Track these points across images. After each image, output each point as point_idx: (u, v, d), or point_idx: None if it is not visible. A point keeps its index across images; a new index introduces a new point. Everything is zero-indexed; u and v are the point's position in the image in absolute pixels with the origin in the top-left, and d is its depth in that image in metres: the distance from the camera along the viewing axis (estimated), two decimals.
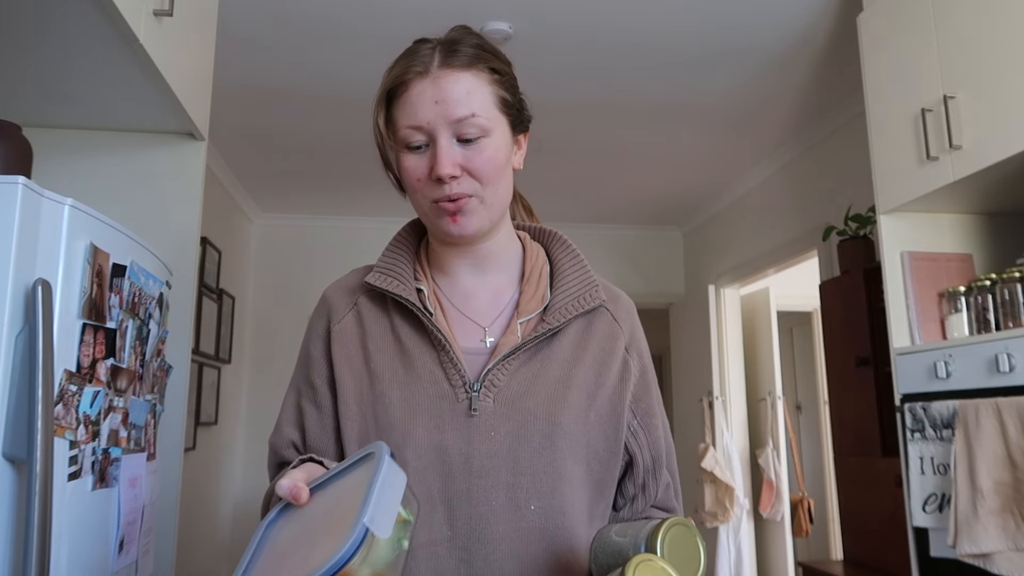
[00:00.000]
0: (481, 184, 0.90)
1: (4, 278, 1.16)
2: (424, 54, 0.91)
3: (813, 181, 3.80)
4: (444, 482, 0.87)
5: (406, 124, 0.89)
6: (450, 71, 0.89)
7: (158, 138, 2.09)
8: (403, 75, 0.90)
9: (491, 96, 0.91)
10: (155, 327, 1.61)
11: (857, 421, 2.87)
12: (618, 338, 0.98)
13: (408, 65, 0.90)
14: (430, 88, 0.88)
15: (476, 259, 0.98)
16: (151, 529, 1.65)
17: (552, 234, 1.04)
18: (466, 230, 0.91)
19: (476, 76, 0.90)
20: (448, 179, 0.88)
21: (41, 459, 1.14)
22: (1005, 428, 1.81)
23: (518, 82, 0.97)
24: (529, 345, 0.92)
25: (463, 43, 0.92)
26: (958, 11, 2.04)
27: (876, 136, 2.35)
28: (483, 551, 0.85)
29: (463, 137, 0.88)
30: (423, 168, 0.89)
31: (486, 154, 0.89)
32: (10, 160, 1.53)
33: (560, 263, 1.00)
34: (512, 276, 1.00)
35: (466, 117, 0.88)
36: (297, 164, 4.21)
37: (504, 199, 0.95)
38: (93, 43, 1.63)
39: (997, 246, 2.37)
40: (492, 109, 0.91)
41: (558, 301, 0.95)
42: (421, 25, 2.77)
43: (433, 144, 0.88)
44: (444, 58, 0.90)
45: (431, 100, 0.88)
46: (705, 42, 2.91)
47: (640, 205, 4.98)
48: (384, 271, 0.97)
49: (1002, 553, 1.78)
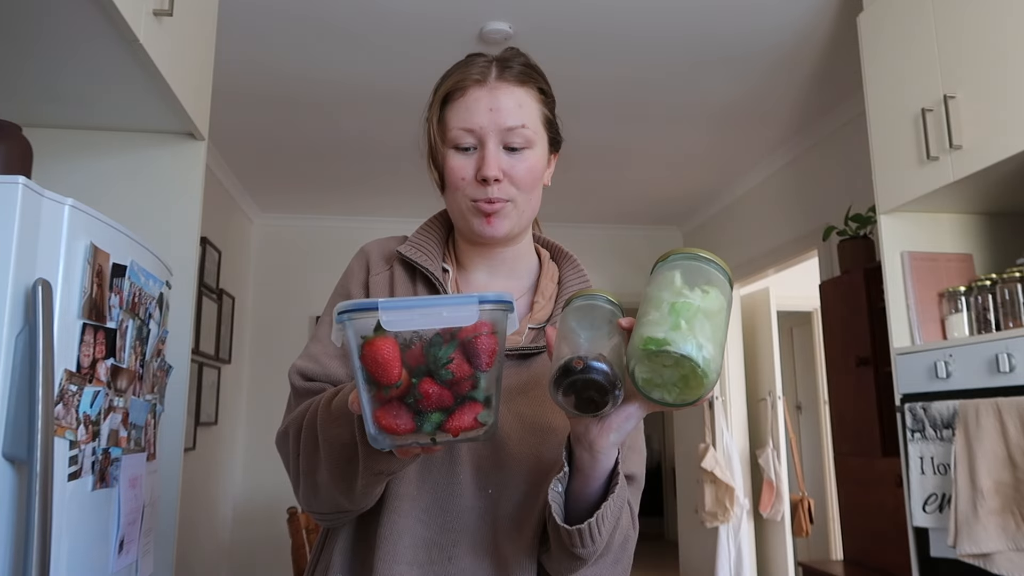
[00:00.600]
0: (519, 191, 0.97)
1: (4, 278, 1.16)
2: (482, 65, 0.98)
3: (813, 181, 3.80)
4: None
5: (459, 126, 0.96)
6: (506, 84, 0.97)
7: (158, 138, 2.09)
8: (462, 81, 0.98)
9: (538, 113, 1.00)
10: (155, 327, 1.61)
11: (857, 421, 2.87)
12: None
13: (467, 73, 0.98)
14: (486, 96, 0.96)
15: (494, 262, 1.04)
16: (151, 529, 1.65)
17: (567, 255, 1.11)
18: (498, 232, 0.97)
19: (527, 92, 0.99)
20: (492, 181, 0.95)
21: (41, 459, 1.14)
22: (1005, 428, 1.81)
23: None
24: (528, 349, 0.97)
25: (515, 61, 1.00)
26: (958, 11, 2.04)
27: (876, 136, 2.34)
28: (441, 518, 0.91)
29: (509, 145, 0.96)
30: (469, 169, 0.96)
31: (528, 163, 0.97)
32: (10, 160, 1.54)
33: (568, 283, 1.06)
34: (524, 284, 1.06)
35: (516, 127, 0.96)
36: (297, 164, 4.21)
37: (534, 208, 1.02)
38: (93, 43, 1.63)
39: (997, 246, 2.37)
40: (538, 124, 0.99)
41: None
42: (421, 25, 2.77)
43: (482, 147, 0.96)
44: (500, 72, 0.98)
45: (486, 107, 0.96)
46: (705, 42, 2.91)
47: (640, 205, 4.98)
48: (416, 246, 1.03)
49: (1002, 553, 1.78)
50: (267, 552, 4.58)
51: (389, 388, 0.68)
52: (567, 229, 5.20)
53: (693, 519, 4.88)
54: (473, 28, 2.80)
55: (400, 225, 5.40)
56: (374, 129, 3.71)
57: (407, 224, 5.27)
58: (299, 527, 2.83)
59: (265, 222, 5.10)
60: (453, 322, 0.68)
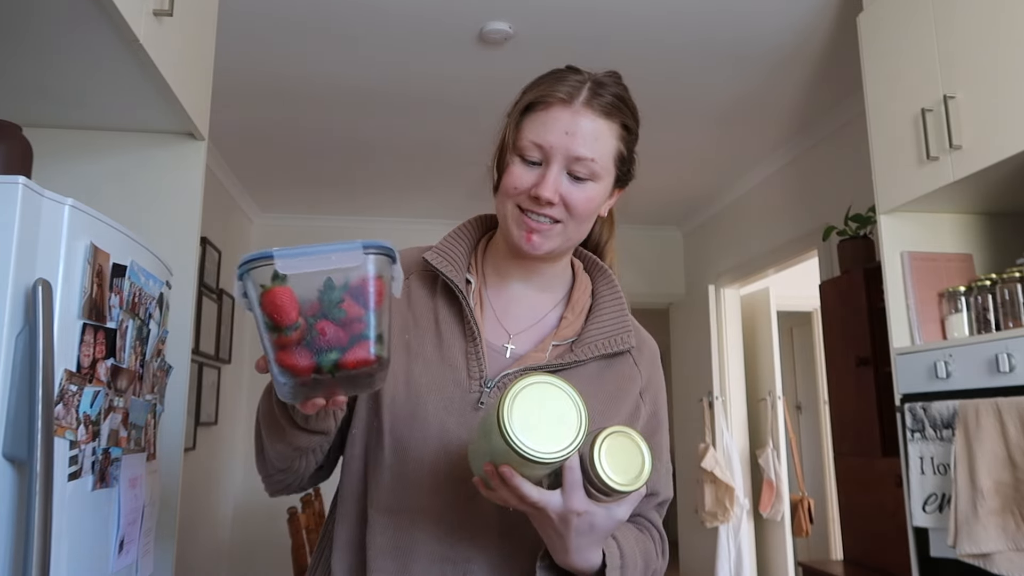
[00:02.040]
0: (570, 217, 0.95)
1: (4, 278, 1.16)
2: (573, 84, 0.95)
3: (813, 181, 3.80)
4: (436, 457, 0.92)
5: (531, 138, 0.94)
6: (590, 112, 0.94)
7: (158, 138, 2.08)
8: (548, 95, 0.95)
9: (612, 149, 0.96)
10: (155, 327, 1.61)
11: (857, 421, 2.87)
12: (635, 381, 1.02)
13: (556, 88, 0.95)
14: (567, 118, 0.93)
15: (531, 273, 1.03)
16: (151, 529, 1.65)
17: (601, 268, 1.10)
18: (538, 250, 0.96)
19: (610, 127, 0.95)
20: (545, 202, 0.93)
21: (41, 459, 1.14)
22: (1005, 428, 1.81)
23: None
24: (552, 368, 0.96)
25: (610, 90, 0.96)
26: (958, 11, 2.04)
27: (876, 136, 2.35)
28: (453, 535, 0.91)
29: (574, 173, 0.94)
30: (527, 181, 0.94)
31: (587, 195, 0.95)
32: (10, 160, 1.53)
33: (601, 298, 1.05)
34: (555, 297, 1.05)
35: (585, 158, 0.93)
36: (297, 164, 4.21)
37: (582, 237, 1.01)
38: (93, 43, 1.62)
39: (997, 246, 2.37)
40: (608, 160, 0.96)
41: (589, 336, 1.00)
42: (421, 25, 2.77)
43: (546, 166, 0.94)
44: (590, 97, 0.94)
45: (563, 129, 0.93)
46: (706, 42, 2.91)
47: (640, 205, 4.98)
48: (442, 253, 1.01)
49: (1002, 553, 1.78)
50: (267, 552, 4.58)
51: (289, 329, 0.73)
52: None
53: (693, 519, 4.88)
54: (473, 28, 2.80)
55: (400, 225, 5.42)
56: (374, 129, 3.72)
57: (407, 224, 5.28)
58: (299, 527, 2.83)
59: (265, 222, 5.10)
60: (341, 263, 0.74)
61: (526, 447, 0.74)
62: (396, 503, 0.91)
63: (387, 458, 0.93)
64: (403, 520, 0.91)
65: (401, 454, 0.92)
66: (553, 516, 0.79)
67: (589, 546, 0.82)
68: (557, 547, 0.83)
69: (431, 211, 4.97)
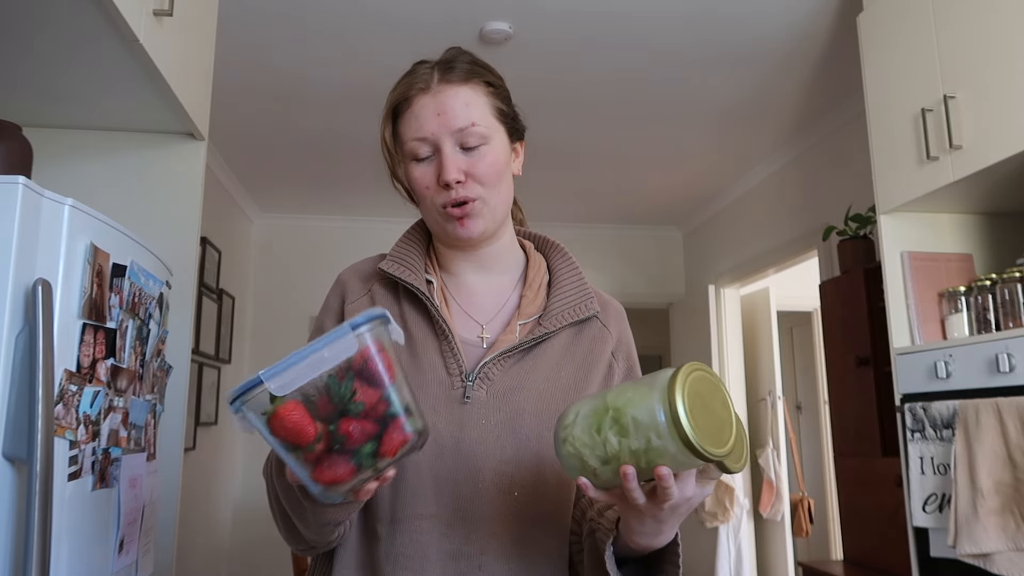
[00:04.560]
0: (484, 187, 0.96)
1: (4, 278, 1.16)
2: (424, 73, 0.98)
3: (813, 181, 3.80)
4: (433, 460, 0.91)
5: (412, 137, 0.96)
6: (449, 86, 0.96)
7: (158, 138, 2.08)
8: (406, 92, 0.98)
9: (488, 107, 0.98)
10: (155, 327, 1.61)
11: (857, 421, 2.87)
12: (606, 342, 1.04)
13: (411, 83, 0.98)
14: (431, 102, 0.95)
15: (480, 260, 1.04)
16: (151, 529, 1.65)
17: (553, 244, 1.11)
18: (472, 232, 0.97)
19: (473, 89, 0.97)
20: (454, 183, 0.94)
21: (41, 459, 1.14)
22: (1005, 428, 1.81)
23: (510, 92, 1.04)
24: (525, 345, 0.97)
25: (458, 61, 0.99)
26: (958, 11, 2.04)
27: (876, 136, 2.34)
28: (464, 529, 0.90)
29: (465, 145, 0.95)
30: (431, 176, 0.96)
31: (488, 159, 0.96)
32: (10, 160, 1.53)
33: (559, 272, 1.06)
34: (513, 278, 1.06)
35: (467, 127, 0.94)
36: (297, 164, 4.21)
37: (505, 202, 1.01)
38: (93, 43, 1.63)
39: (997, 246, 2.37)
40: (490, 119, 0.97)
41: (554, 308, 1.01)
42: (421, 26, 2.77)
43: (438, 153, 0.95)
44: (442, 75, 0.97)
45: (433, 113, 0.95)
46: (705, 42, 2.91)
47: (640, 205, 4.98)
48: (397, 260, 1.03)
49: (1002, 553, 1.78)
50: (267, 552, 4.58)
51: (311, 446, 0.68)
52: (568, 229, 5.20)
53: (693, 519, 4.88)
54: (473, 28, 2.80)
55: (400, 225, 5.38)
56: (374, 129, 3.68)
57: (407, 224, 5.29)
58: None
59: (265, 222, 5.10)
60: (337, 357, 0.68)
61: (708, 450, 0.68)
62: (401, 512, 0.91)
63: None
64: (410, 526, 0.91)
65: (397, 464, 0.92)
66: (666, 507, 0.75)
67: (676, 525, 0.80)
68: (648, 530, 0.79)
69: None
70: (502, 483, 0.91)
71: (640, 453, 0.71)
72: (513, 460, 0.92)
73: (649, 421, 0.70)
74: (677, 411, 0.68)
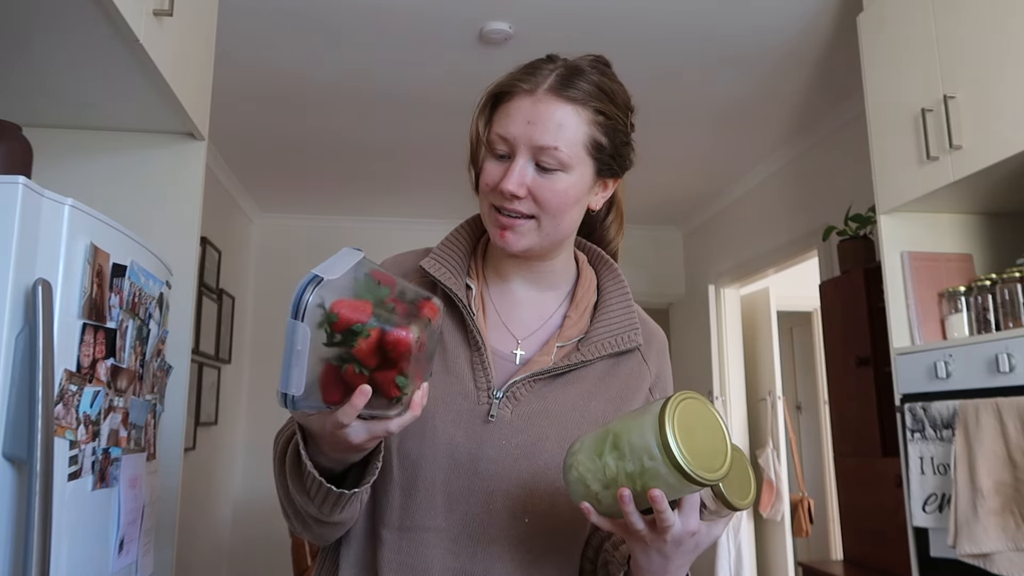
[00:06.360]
0: (543, 212, 0.90)
1: (4, 278, 1.16)
2: (543, 72, 0.91)
3: (813, 181, 3.80)
4: (447, 475, 0.89)
5: (497, 131, 0.91)
6: (553, 99, 0.89)
7: (158, 138, 2.08)
8: (511, 86, 0.92)
9: (583, 135, 0.90)
10: (155, 327, 1.61)
11: (857, 421, 2.87)
12: (643, 378, 1.00)
13: (521, 78, 0.91)
14: (529, 107, 0.89)
15: (532, 273, 0.99)
16: (151, 529, 1.65)
17: (606, 261, 1.05)
18: (511, 247, 0.92)
19: (576, 111, 0.90)
20: (510, 196, 0.89)
21: (41, 459, 1.14)
22: (1005, 428, 1.81)
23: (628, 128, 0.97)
24: (559, 371, 0.93)
25: (584, 76, 0.91)
26: (958, 11, 2.04)
27: (876, 136, 2.34)
28: (471, 548, 0.88)
29: (541, 164, 0.89)
30: (497, 175, 0.91)
31: (558, 187, 0.90)
32: (10, 160, 1.54)
33: (607, 294, 1.01)
34: (560, 294, 1.02)
35: (548, 147, 0.88)
36: (297, 164, 4.21)
37: (565, 232, 0.95)
38: (93, 43, 1.62)
39: (997, 246, 2.37)
40: (578, 148, 0.90)
41: (596, 335, 0.96)
42: (421, 25, 2.77)
43: (512, 159, 0.90)
44: (556, 83, 0.90)
45: (524, 119, 0.89)
46: (705, 42, 2.91)
47: (640, 205, 4.98)
48: (439, 259, 0.98)
49: (1002, 553, 1.78)
50: (267, 552, 4.58)
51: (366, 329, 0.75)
52: None
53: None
54: (473, 28, 2.80)
55: (401, 225, 5.42)
56: (375, 129, 3.71)
57: (407, 224, 5.28)
58: None
59: (265, 222, 5.10)
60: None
61: (697, 472, 0.69)
62: (409, 521, 0.89)
63: (396, 476, 0.90)
64: (417, 537, 0.89)
65: (411, 471, 0.90)
66: (668, 538, 0.76)
67: (685, 565, 0.80)
68: (656, 568, 0.79)
69: (431, 211, 4.97)
70: (514, 507, 0.89)
71: (635, 476, 0.72)
72: (528, 485, 0.89)
73: (642, 443, 0.72)
74: (666, 432, 0.70)
